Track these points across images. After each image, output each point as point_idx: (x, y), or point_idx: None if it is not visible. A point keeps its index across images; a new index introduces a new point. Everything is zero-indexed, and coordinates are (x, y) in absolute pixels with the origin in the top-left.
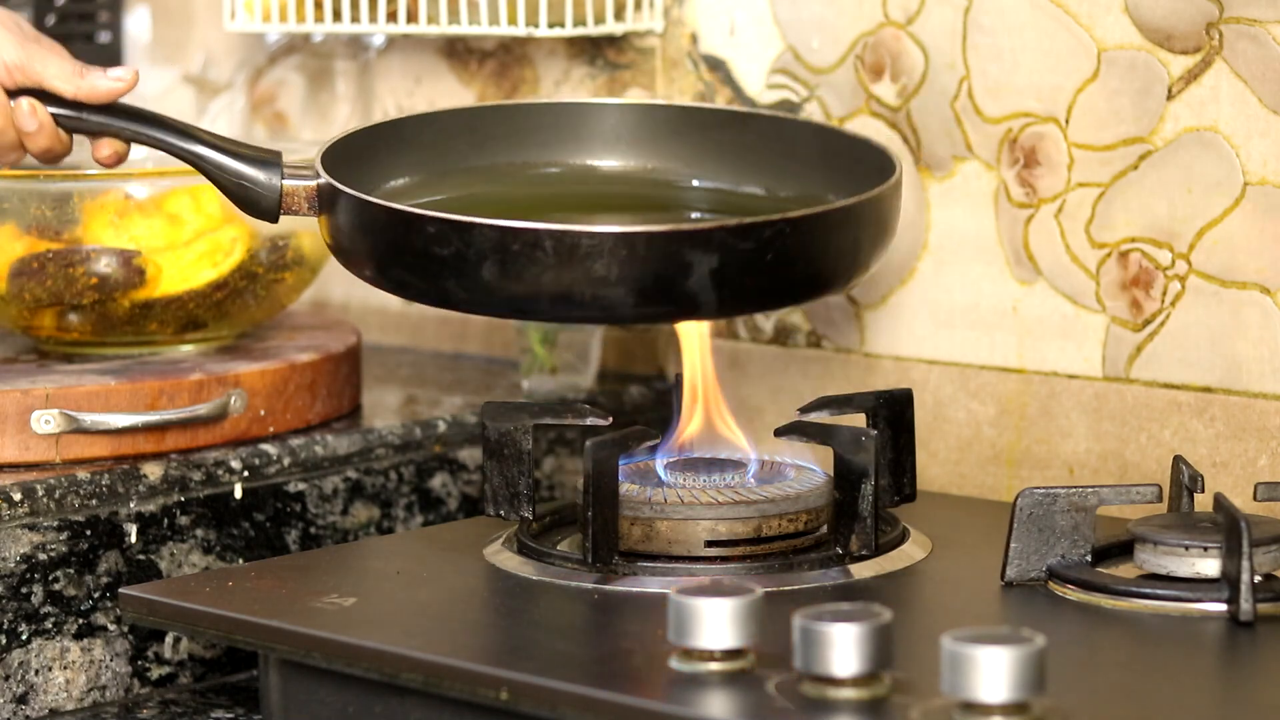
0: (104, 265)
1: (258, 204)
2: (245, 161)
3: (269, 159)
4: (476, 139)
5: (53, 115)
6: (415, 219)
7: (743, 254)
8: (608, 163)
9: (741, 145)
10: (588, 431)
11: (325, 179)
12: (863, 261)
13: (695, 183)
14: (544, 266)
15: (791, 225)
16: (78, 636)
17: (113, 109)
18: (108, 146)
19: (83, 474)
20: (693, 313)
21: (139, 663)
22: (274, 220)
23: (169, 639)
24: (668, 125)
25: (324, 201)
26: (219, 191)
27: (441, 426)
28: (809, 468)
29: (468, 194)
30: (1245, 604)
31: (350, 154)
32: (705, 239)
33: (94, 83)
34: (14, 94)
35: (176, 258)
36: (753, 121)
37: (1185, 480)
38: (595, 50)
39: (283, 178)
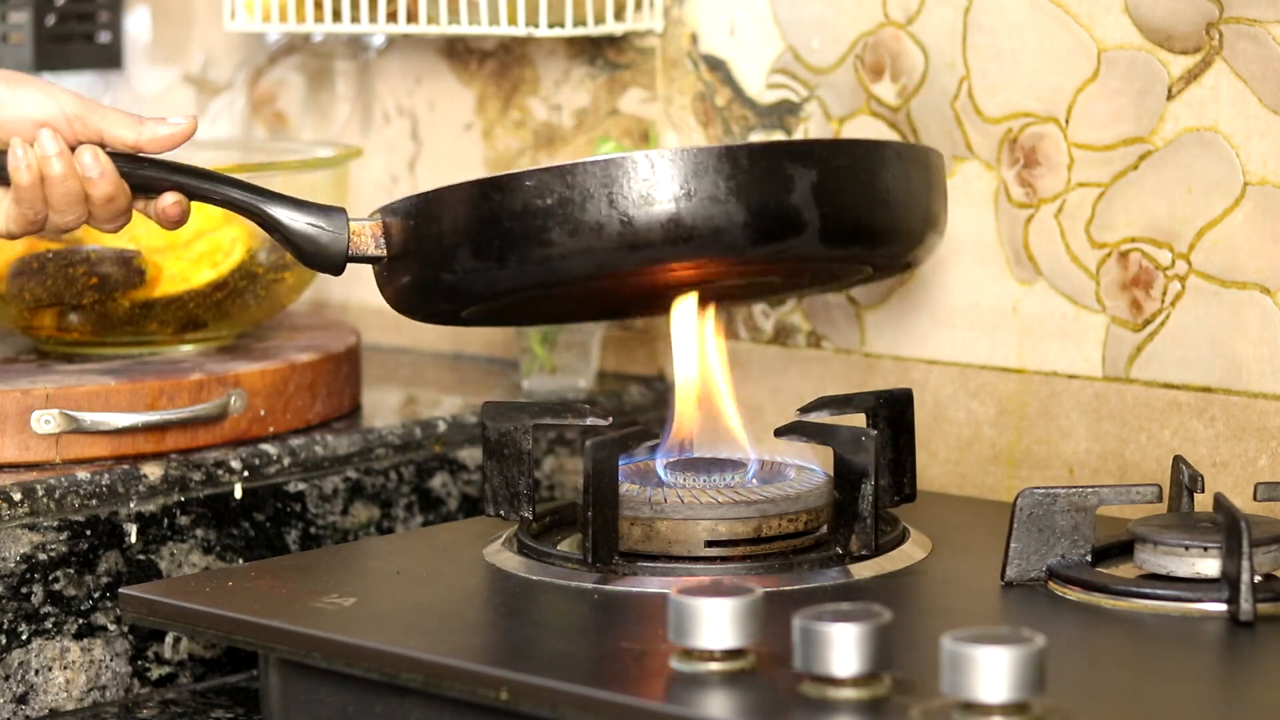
0: (104, 265)
1: (326, 250)
2: (311, 211)
3: (333, 209)
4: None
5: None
6: (508, 179)
7: (838, 169)
8: None
9: None
10: (588, 431)
11: (388, 208)
12: (934, 213)
13: None
14: (653, 189)
15: (876, 146)
16: (78, 636)
17: (173, 166)
18: (171, 196)
19: (83, 474)
20: (799, 232)
21: (139, 663)
22: (339, 269)
23: (169, 639)
24: None
25: (392, 228)
26: (285, 247)
27: (441, 426)
28: (809, 468)
29: None
30: (1245, 604)
31: None
32: (804, 151)
33: (155, 130)
34: (73, 148)
35: (176, 258)
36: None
37: (1185, 480)
38: (595, 50)
39: (348, 220)
